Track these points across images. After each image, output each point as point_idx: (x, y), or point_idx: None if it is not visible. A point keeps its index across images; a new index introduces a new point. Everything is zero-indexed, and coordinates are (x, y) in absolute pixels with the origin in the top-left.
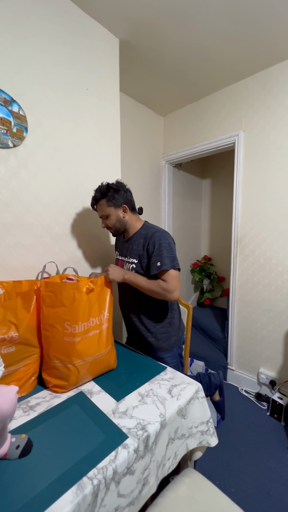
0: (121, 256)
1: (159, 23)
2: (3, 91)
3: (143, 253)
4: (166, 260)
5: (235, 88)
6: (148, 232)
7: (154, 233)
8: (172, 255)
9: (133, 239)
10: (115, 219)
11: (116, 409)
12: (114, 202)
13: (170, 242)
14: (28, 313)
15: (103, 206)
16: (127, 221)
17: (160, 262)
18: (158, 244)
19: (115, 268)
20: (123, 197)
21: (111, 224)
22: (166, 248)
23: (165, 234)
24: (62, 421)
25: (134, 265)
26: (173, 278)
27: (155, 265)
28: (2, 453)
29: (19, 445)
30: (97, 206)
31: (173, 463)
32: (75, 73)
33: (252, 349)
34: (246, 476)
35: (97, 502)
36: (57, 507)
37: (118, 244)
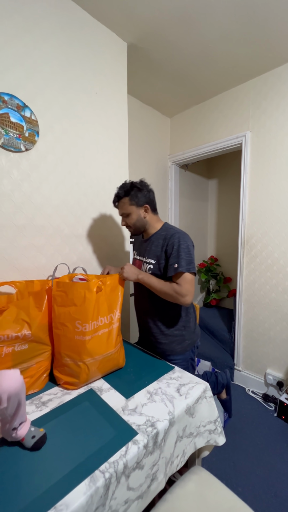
0: (139, 256)
1: (167, 27)
2: (16, 97)
3: (162, 254)
4: (183, 262)
5: (242, 88)
6: (168, 233)
7: (173, 235)
8: (189, 258)
9: (152, 239)
10: (136, 218)
11: (126, 406)
12: (137, 201)
13: (189, 244)
14: (40, 312)
15: (125, 204)
16: (147, 221)
17: (177, 263)
18: (177, 246)
19: (130, 267)
20: (145, 196)
21: (131, 223)
22: (184, 251)
23: (185, 236)
24: (74, 417)
25: (152, 265)
26: (187, 281)
27: (172, 266)
28: (21, 435)
29: (35, 435)
30: (119, 203)
31: (181, 461)
32: (85, 78)
33: (259, 350)
34: (253, 476)
35: (108, 494)
36: (71, 498)
37: (136, 244)
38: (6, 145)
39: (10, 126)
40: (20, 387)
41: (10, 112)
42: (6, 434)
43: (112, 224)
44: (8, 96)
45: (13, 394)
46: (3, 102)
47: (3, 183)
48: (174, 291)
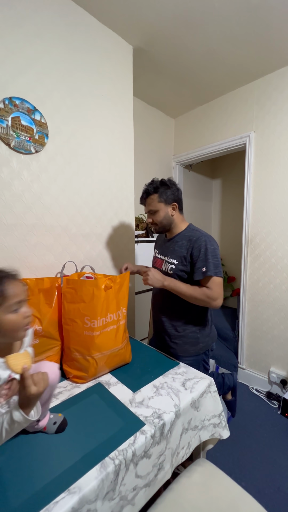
0: (161, 255)
1: (171, 30)
2: (27, 101)
3: (186, 256)
4: (211, 266)
5: (246, 89)
6: (193, 235)
7: (200, 237)
8: (216, 262)
9: (176, 239)
10: (163, 216)
11: (133, 399)
12: (165, 198)
13: (215, 248)
14: (51, 308)
15: (153, 200)
16: (174, 219)
17: (205, 267)
18: (204, 249)
19: (155, 273)
20: (174, 194)
21: (158, 221)
22: (212, 254)
23: (212, 239)
24: (84, 409)
25: (174, 265)
26: (217, 285)
27: (200, 270)
28: (43, 425)
29: (56, 421)
30: (147, 199)
31: (186, 452)
32: (92, 81)
33: (263, 348)
34: (257, 472)
35: (117, 480)
36: (84, 481)
37: (158, 243)
38: (17, 147)
39: (21, 129)
40: (57, 380)
41: (21, 115)
42: (29, 426)
43: (118, 224)
44: (19, 100)
45: (51, 384)
46: (14, 106)
47: (14, 184)
48: (206, 295)
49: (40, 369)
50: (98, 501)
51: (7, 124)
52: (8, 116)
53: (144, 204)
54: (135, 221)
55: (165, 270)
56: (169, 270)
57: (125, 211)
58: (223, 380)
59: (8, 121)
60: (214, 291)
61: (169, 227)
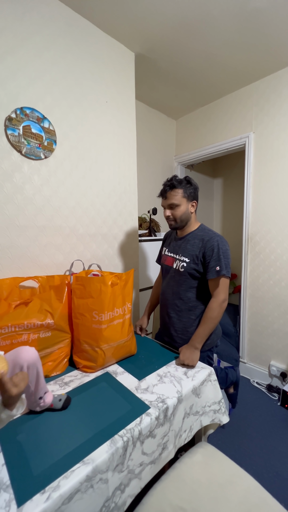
0: (171, 253)
1: (172, 37)
2: (36, 110)
3: (199, 255)
4: (223, 265)
5: (245, 91)
6: (206, 235)
7: (212, 237)
8: (227, 262)
9: (188, 238)
10: (183, 211)
11: (139, 386)
12: (188, 194)
13: (227, 248)
14: (61, 303)
15: (178, 194)
16: (191, 217)
17: (219, 266)
18: (217, 249)
19: (186, 353)
20: (195, 193)
21: (178, 216)
22: (224, 254)
23: (223, 240)
24: (94, 395)
25: (185, 263)
26: (226, 286)
27: (214, 269)
28: (49, 402)
29: (61, 398)
30: (171, 192)
31: (188, 435)
32: (97, 88)
33: (264, 342)
34: (256, 457)
35: (126, 455)
36: (96, 454)
37: (167, 240)
38: (28, 154)
39: (31, 136)
40: (36, 359)
41: (32, 124)
42: (34, 405)
43: (123, 223)
44: (30, 110)
45: (31, 364)
46: (25, 116)
47: (26, 188)
48: (218, 304)
49: (18, 355)
50: (109, 471)
51: (18, 132)
52: (19, 125)
53: (165, 197)
54: (139, 221)
55: (177, 267)
56: (180, 267)
57: (128, 212)
58: (226, 375)
59: (20, 129)
60: (221, 293)
61: (185, 224)
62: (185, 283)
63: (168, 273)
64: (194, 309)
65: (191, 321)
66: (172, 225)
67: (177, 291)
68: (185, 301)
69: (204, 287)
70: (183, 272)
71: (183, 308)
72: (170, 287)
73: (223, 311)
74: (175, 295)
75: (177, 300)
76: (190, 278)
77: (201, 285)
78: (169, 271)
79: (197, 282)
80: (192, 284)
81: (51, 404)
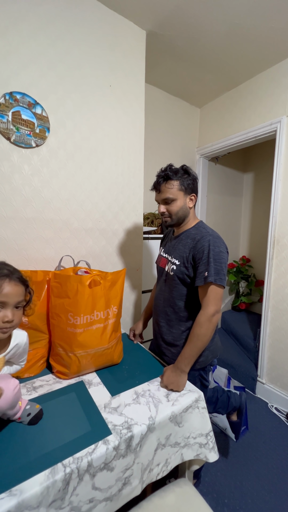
0: (166, 254)
1: (187, 9)
2: (28, 95)
3: (189, 257)
4: (212, 270)
5: (278, 68)
6: (198, 233)
7: (203, 237)
8: (218, 267)
9: (182, 237)
10: (180, 206)
11: (109, 403)
12: (186, 187)
13: (221, 250)
14: (39, 301)
15: (173, 187)
16: (189, 212)
17: (207, 272)
18: (207, 251)
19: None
20: (194, 185)
21: (174, 211)
22: (214, 257)
23: (218, 240)
24: (57, 406)
25: (175, 266)
26: (216, 296)
27: (202, 275)
28: (17, 416)
29: (30, 413)
30: (165, 185)
31: (163, 470)
32: (100, 72)
33: (286, 363)
34: (261, 502)
35: (68, 489)
36: (27, 485)
37: (165, 239)
38: (17, 141)
39: (21, 123)
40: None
41: (22, 109)
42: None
43: (124, 219)
44: (20, 95)
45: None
46: (15, 101)
47: (14, 178)
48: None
49: None
50: (41, 508)
51: (7, 119)
52: (8, 111)
53: (158, 190)
54: (150, 217)
55: (168, 270)
56: (170, 271)
57: (132, 206)
58: (228, 399)
59: (9, 115)
60: (210, 304)
61: (183, 221)
62: (175, 289)
63: (161, 277)
64: (185, 321)
65: (180, 334)
66: (167, 222)
67: (168, 298)
68: (175, 310)
69: (197, 295)
70: (172, 276)
71: (174, 318)
72: (162, 292)
73: (214, 326)
74: (166, 302)
75: (167, 308)
76: (180, 283)
77: (193, 293)
78: (162, 274)
79: (188, 289)
80: (183, 291)
81: (18, 418)
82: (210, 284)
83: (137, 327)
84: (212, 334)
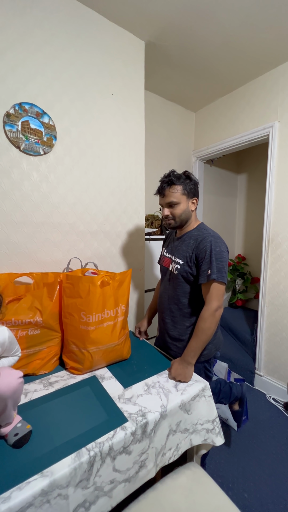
0: (169, 254)
1: (183, 21)
2: (36, 105)
3: (192, 256)
4: (214, 268)
5: (269, 75)
6: (200, 235)
7: (206, 237)
8: (220, 265)
9: (184, 238)
10: (183, 210)
11: (122, 395)
12: (188, 191)
13: (222, 250)
14: (51, 302)
15: (177, 192)
16: (192, 215)
17: (210, 270)
18: (209, 250)
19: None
20: (195, 189)
21: (177, 214)
22: (216, 256)
23: (219, 240)
24: (74, 399)
25: (179, 265)
26: (218, 292)
27: (205, 273)
28: (4, 433)
29: (17, 433)
30: (169, 189)
31: (174, 454)
32: (102, 81)
33: (283, 355)
34: (263, 485)
35: (92, 470)
36: (57, 467)
37: (167, 240)
38: (27, 149)
39: (30, 132)
40: (9, 394)
41: (30, 119)
42: None
43: (127, 221)
44: (29, 105)
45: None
46: (24, 111)
47: (24, 185)
48: (210, 313)
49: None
50: (70, 487)
51: (17, 128)
52: (18, 121)
53: (162, 195)
54: (150, 219)
55: (172, 270)
56: (174, 270)
57: (134, 209)
58: (230, 389)
59: (18, 125)
60: (213, 300)
61: (185, 223)
62: (179, 287)
63: (165, 276)
64: (189, 317)
65: (185, 329)
66: (171, 225)
67: (172, 296)
68: (180, 307)
69: (200, 292)
70: (177, 275)
71: (178, 314)
72: (166, 290)
73: (217, 321)
74: (171, 300)
75: (172, 305)
76: (184, 282)
77: (196, 290)
78: (166, 273)
79: (192, 286)
80: (186, 288)
81: (5, 435)
82: (212, 282)
83: (142, 325)
84: (215, 328)
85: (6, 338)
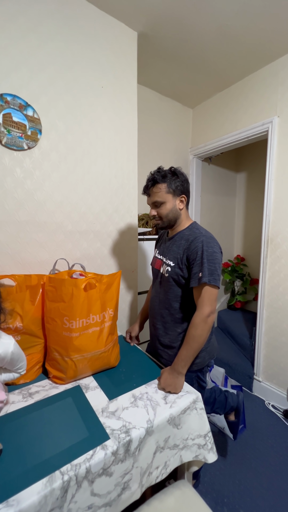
0: (161, 255)
1: (178, 10)
2: (19, 97)
3: (183, 258)
4: (206, 271)
5: (269, 69)
6: (192, 234)
7: (197, 237)
8: (212, 268)
9: (176, 238)
10: (170, 209)
11: (107, 407)
12: (174, 189)
13: (214, 251)
14: (33, 306)
15: (161, 191)
16: (181, 214)
17: (201, 272)
18: (201, 251)
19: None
20: (183, 186)
21: (164, 214)
22: (208, 258)
23: (211, 240)
24: (54, 413)
25: (170, 267)
26: (211, 297)
27: (196, 276)
28: None
29: None
30: (153, 189)
31: (162, 473)
32: (91, 73)
33: (283, 360)
34: (260, 500)
35: (66, 497)
36: (25, 495)
37: (160, 241)
38: (9, 144)
39: (13, 125)
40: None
41: (13, 112)
42: None
43: (119, 220)
44: (11, 97)
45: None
46: (5, 103)
47: (6, 181)
48: (202, 321)
49: None
50: None
51: None
52: None
53: (148, 194)
54: (145, 218)
55: (163, 271)
56: (165, 272)
57: (127, 208)
58: (225, 399)
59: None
60: (205, 305)
61: (174, 223)
62: (170, 291)
63: (156, 279)
64: (181, 322)
65: (176, 335)
66: (159, 225)
67: (164, 300)
68: (171, 312)
69: (193, 296)
70: (167, 278)
71: (169, 320)
72: (158, 294)
73: (209, 327)
74: (162, 304)
75: (163, 310)
76: (175, 285)
77: (188, 294)
78: (158, 276)
79: (183, 290)
80: (178, 292)
81: None
82: (204, 285)
83: (133, 329)
84: (207, 335)
85: (9, 352)
